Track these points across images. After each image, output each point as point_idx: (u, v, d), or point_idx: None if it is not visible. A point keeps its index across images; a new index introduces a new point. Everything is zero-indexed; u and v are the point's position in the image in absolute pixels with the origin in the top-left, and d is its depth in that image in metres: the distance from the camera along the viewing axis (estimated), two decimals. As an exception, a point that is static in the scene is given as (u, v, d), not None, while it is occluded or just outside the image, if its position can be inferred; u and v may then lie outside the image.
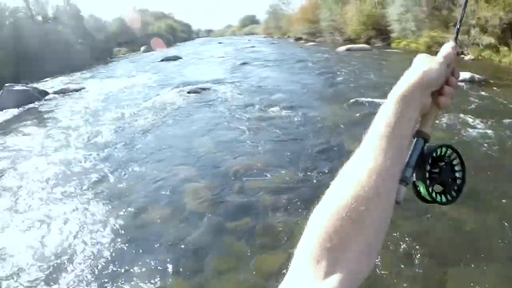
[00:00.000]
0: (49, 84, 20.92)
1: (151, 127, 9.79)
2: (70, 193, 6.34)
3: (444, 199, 0.83)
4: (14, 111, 14.18)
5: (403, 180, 0.76)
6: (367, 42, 30.05)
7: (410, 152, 0.80)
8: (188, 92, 13.67)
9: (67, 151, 8.52)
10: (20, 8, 35.89)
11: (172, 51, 38.68)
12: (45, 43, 30.50)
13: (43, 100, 15.85)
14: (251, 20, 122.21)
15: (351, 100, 10.27)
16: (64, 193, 6.35)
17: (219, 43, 51.32)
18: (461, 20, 0.98)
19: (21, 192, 6.58)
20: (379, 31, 30.45)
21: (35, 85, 19.01)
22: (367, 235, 0.67)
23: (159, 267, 4.22)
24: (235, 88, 13.90)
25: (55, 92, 17.36)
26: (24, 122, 12.00)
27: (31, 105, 14.95)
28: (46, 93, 17.07)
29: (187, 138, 8.56)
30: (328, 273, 0.63)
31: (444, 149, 0.84)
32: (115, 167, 7.24)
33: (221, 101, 11.93)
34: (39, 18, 38.26)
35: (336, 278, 0.62)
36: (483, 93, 10.57)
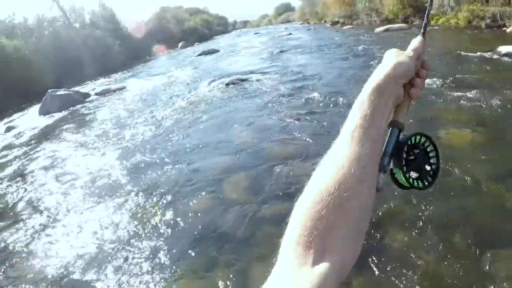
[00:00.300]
0: (90, 87, 21.33)
1: (191, 120, 9.77)
2: (113, 186, 6.54)
3: (421, 184, 0.86)
4: (58, 115, 14.50)
5: (381, 168, 0.80)
6: (405, 21, 29.47)
7: (386, 141, 0.84)
8: (227, 84, 13.56)
9: (111, 147, 8.68)
10: (58, 17, 36.88)
11: (209, 45, 38.75)
12: (83, 48, 31.39)
13: (85, 102, 16.11)
14: (286, 8, 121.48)
15: None
16: (109, 186, 6.54)
17: (256, 33, 51.13)
18: (427, 16, 1.02)
19: (68, 187, 6.82)
20: (417, 9, 29.67)
21: (76, 88, 19.44)
22: (351, 221, 0.70)
23: (200, 258, 4.21)
24: (274, 77, 13.69)
25: (96, 94, 17.63)
26: (68, 124, 12.26)
27: (74, 108, 15.24)
28: (88, 95, 17.37)
29: (227, 130, 8.49)
30: (316, 261, 0.64)
31: (418, 137, 0.88)
32: (156, 159, 7.35)
33: (259, 91, 11.77)
34: (77, 25, 39.12)
35: (325, 265, 0.64)
36: None
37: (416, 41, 0.96)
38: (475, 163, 5.11)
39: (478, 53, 11.91)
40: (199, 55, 28.35)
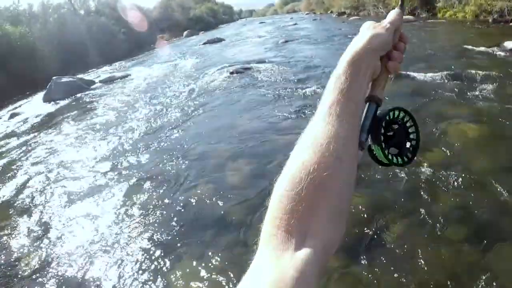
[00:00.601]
0: (95, 74, 21.46)
1: (194, 108, 9.79)
2: (115, 173, 6.61)
3: (400, 161, 0.85)
4: (63, 102, 14.59)
5: (359, 145, 0.78)
6: (411, 13, 29.28)
7: (363, 117, 0.82)
8: (231, 73, 13.50)
9: (114, 135, 8.70)
10: (63, 4, 36.79)
11: (215, 33, 38.66)
12: (88, 35, 31.47)
13: (89, 89, 16.16)
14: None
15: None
16: (111, 173, 6.62)
17: (261, 22, 50.79)
18: None
19: (69, 176, 6.87)
20: (423, 1, 29.52)
21: (81, 76, 19.52)
22: (332, 201, 0.67)
23: (202, 246, 4.24)
24: (278, 67, 13.62)
25: (101, 81, 17.68)
26: (71, 112, 12.33)
27: (78, 95, 15.29)
28: (93, 83, 17.47)
29: (230, 118, 8.53)
30: (298, 245, 0.62)
31: (397, 112, 0.86)
32: (158, 147, 7.44)
33: (263, 80, 11.74)
34: (82, 12, 39.05)
35: (307, 249, 0.62)
36: None
37: (393, 13, 0.95)
38: (478, 157, 5.12)
39: (484, 48, 11.83)
40: (204, 43, 28.29)
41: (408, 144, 0.87)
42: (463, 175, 4.69)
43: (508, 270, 3.22)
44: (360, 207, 4.37)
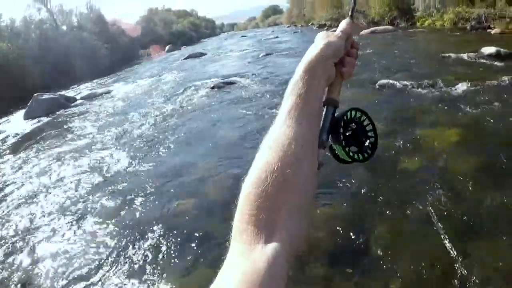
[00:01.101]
0: (77, 90, 21.37)
1: (176, 124, 9.86)
2: (96, 191, 6.54)
3: (361, 157, 0.91)
4: (43, 119, 14.45)
5: (320, 145, 0.84)
6: (391, 23, 29.60)
7: (322, 119, 0.88)
8: (212, 88, 13.62)
9: (95, 152, 8.68)
10: (45, 19, 36.64)
11: (196, 48, 38.74)
12: (71, 51, 31.35)
13: (71, 107, 16.07)
14: (274, 10, 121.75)
15: (378, 83, 10.00)
16: (91, 192, 6.54)
17: (243, 36, 50.97)
18: (355, 1, 1.12)
19: (49, 195, 6.79)
20: (403, 11, 29.91)
21: (63, 92, 19.49)
22: (296, 197, 0.72)
23: (183, 259, 4.25)
24: (259, 80, 13.80)
25: (82, 98, 17.64)
26: (52, 130, 12.20)
27: (59, 112, 15.22)
28: (74, 99, 17.38)
29: (213, 134, 8.57)
30: (268, 239, 0.66)
31: (353, 112, 0.93)
32: (139, 163, 7.41)
33: (245, 95, 11.85)
34: (64, 27, 38.92)
35: (276, 243, 0.66)
36: (510, 66, 10.14)
37: (344, 23, 1.01)
38: (458, 162, 5.28)
39: (462, 54, 12.09)
40: (186, 58, 28.38)
41: (367, 142, 0.93)
42: (443, 179, 4.85)
43: (491, 270, 3.32)
44: (342, 215, 4.49)
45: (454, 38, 17.86)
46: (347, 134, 0.91)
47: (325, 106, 0.90)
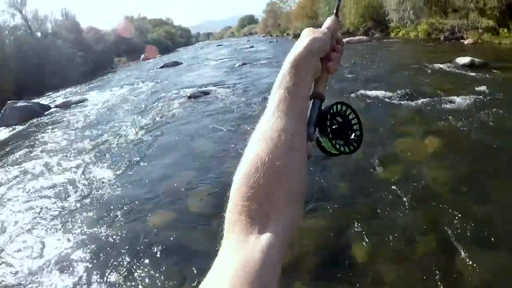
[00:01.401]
0: (51, 98, 21.18)
1: (151, 134, 9.79)
2: (73, 200, 6.44)
3: (347, 150, 0.92)
4: (18, 127, 14.30)
5: (308, 137, 0.85)
6: (366, 34, 30.13)
7: (309, 112, 0.90)
8: (189, 97, 13.68)
9: (69, 162, 8.54)
10: (20, 25, 36.15)
11: (172, 57, 38.63)
12: (45, 58, 30.93)
13: (45, 115, 15.94)
14: (250, 20, 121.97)
15: (352, 94, 10.16)
16: (68, 200, 6.46)
17: (218, 45, 50.92)
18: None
19: (20, 206, 6.66)
20: (377, 22, 30.41)
21: (37, 100, 19.30)
22: (287, 186, 0.74)
23: (159, 271, 4.24)
24: (235, 90, 13.90)
25: (57, 106, 17.50)
26: (27, 138, 12.07)
27: (34, 120, 15.05)
28: (48, 107, 17.23)
29: (189, 144, 8.52)
30: (262, 229, 0.67)
31: (339, 106, 0.95)
32: (114, 175, 7.29)
33: (221, 104, 11.91)
34: (39, 34, 38.44)
35: (269, 233, 0.67)
36: (483, 76, 10.50)
37: (329, 20, 1.04)
38: (433, 172, 5.38)
39: (436, 65, 12.42)
40: (161, 67, 28.35)
41: (352, 135, 0.95)
42: (419, 189, 4.96)
43: (473, 277, 3.41)
44: (323, 226, 4.52)
45: (428, 49, 18.20)
46: (334, 127, 0.93)
47: (312, 100, 0.92)
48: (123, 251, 4.74)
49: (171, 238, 4.84)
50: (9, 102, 16.11)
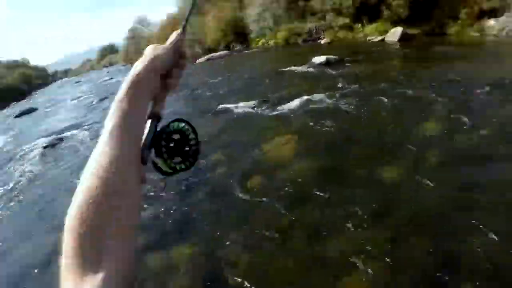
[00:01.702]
0: None
1: (6, 199, 8.77)
2: None
3: (183, 166, 0.90)
4: None
5: (143, 161, 0.80)
6: (227, 48, 30.43)
7: (146, 133, 0.85)
8: (44, 147, 12.71)
9: None
10: None
11: (27, 103, 36.45)
12: None
13: None
14: (111, 50, 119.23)
15: (214, 109, 10.23)
16: None
17: (77, 82, 50.18)
18: (189, 13, 1.09)
19: None
20: (238, 35, 31.05)
21: None
22: (121, 221, 0.70)
23: None
24: (94, 130, 13.24)
25: None
26: None
27: None
28: None
29: (50, 202, 7.80)
30: (97, 270, 0.62)
31: (176, 123, 0.90)
32: None
33: (81, 149, 11.33)
34: None
35: (104, 274, 0.62)
36: (338, 71, 11.33)
37: (174, 34, 0.98)
38: (297, 169, 5.66)
39: (294, 68, 13.20)
40: (16, 116, 26.68)
41: (190, 151, 0.91)
42: (286, 188, 5.19)
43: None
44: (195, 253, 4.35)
45: (287, 53, 19.41)
46: (171, 145, 0.88)
47: (149, 120, 0.86)
48: None
49: None
50: None
